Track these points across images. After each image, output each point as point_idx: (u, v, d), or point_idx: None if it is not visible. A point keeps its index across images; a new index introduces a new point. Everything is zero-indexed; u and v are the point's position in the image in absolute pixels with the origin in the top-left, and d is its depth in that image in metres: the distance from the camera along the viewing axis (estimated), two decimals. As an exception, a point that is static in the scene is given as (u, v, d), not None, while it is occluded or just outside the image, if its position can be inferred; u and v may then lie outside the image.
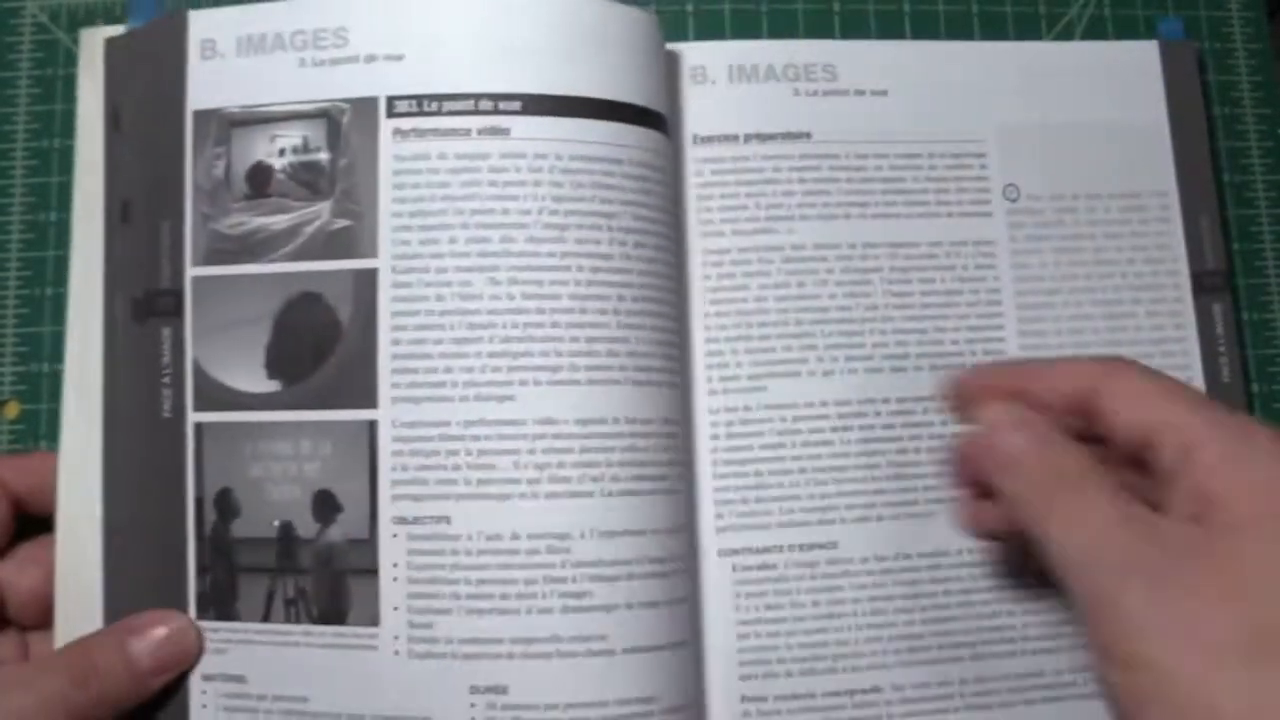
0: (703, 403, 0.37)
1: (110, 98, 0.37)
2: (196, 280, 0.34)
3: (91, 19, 0.41)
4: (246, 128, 0.35)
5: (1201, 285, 0.39)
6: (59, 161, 0.40)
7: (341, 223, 0.34)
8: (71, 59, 0.41)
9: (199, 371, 0.34)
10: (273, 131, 0.35)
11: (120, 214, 0.36)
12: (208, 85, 0.35)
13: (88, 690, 0.31)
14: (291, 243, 0.34)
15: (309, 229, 0.34)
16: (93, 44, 0.37)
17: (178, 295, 0.35)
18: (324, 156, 0.34)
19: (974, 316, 0.38)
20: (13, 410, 0.39)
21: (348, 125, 0.34)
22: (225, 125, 0.35)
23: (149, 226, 0.35)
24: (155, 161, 0.35)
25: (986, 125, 0.39)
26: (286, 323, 0.34)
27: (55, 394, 0.38)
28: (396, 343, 0.33)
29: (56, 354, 0.39)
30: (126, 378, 0.35)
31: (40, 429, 0.39)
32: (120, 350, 0.35)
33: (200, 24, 0.35)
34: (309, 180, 0.34)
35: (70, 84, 0.40)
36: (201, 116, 0.35)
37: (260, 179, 0.34)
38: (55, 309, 0.39)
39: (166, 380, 0.34)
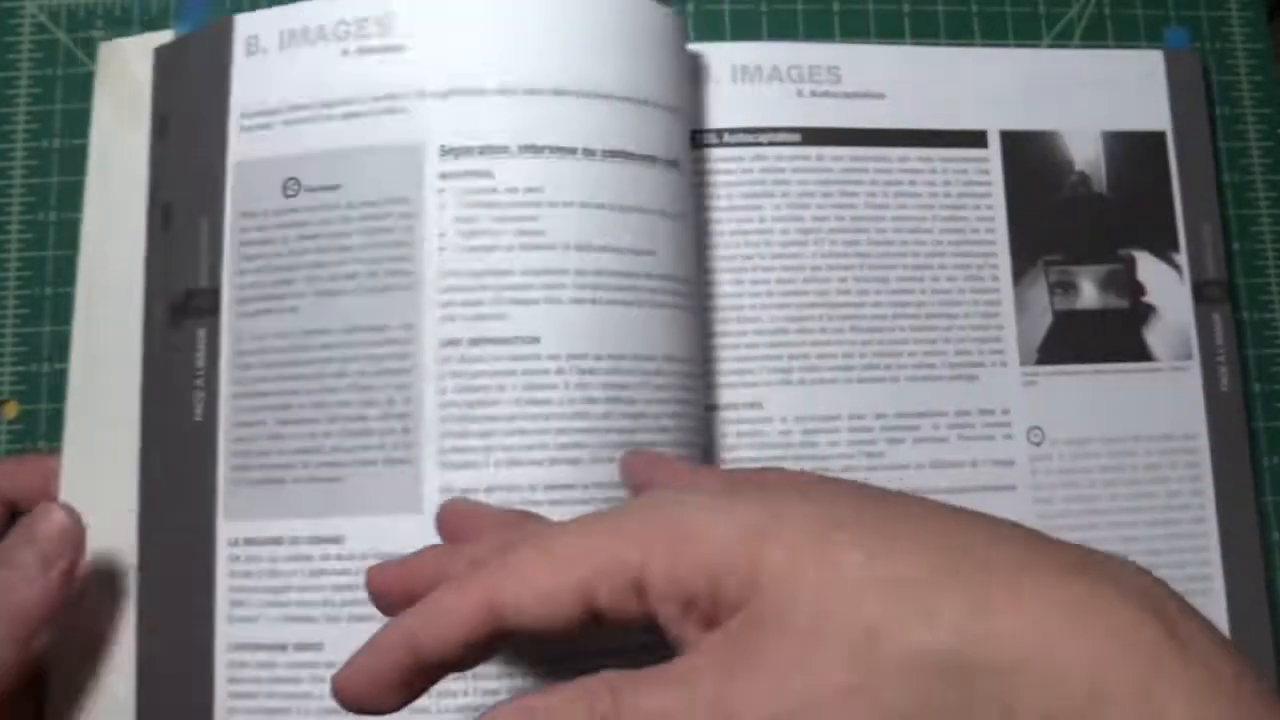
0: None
1: (158, 106, 0.37)
2: (234, 273, 0.34)
3: (91, 19, 0.41)
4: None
5: (1202, 295, 0.39)
6: (59, 161, 0.40)
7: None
8: (72, 59, 0.41)
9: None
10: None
11: (162, 220, 0.36)
12: (252, 81, 0.35)
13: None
14: None
15: None
16: (110, 58, 0.37)
17: (214, 294, 0.34)
18: None
19: (978, 316, 0.38)
20: (12, 410, 0.39)
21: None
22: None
23: (189, 225, 0.35)
24: (198, 159, 0.35)
25: (990, 129, 0.39)
26: None
27: (55, 394, 0.38)
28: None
29: (56, 354, 0.39)
30: (162, 382, 0.35)
31: (40, 429, 0.38)
32: (158, 356, 0.35)
33: (245, 23, 0.35)
34: None
35: (70, 84, 0.40)
36: (246, 112, 0.35)
37: None
38: (55, 309, 0.39)
39: (199, 383, 0.34)
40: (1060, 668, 0.19)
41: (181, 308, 0.34)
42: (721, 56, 0.39)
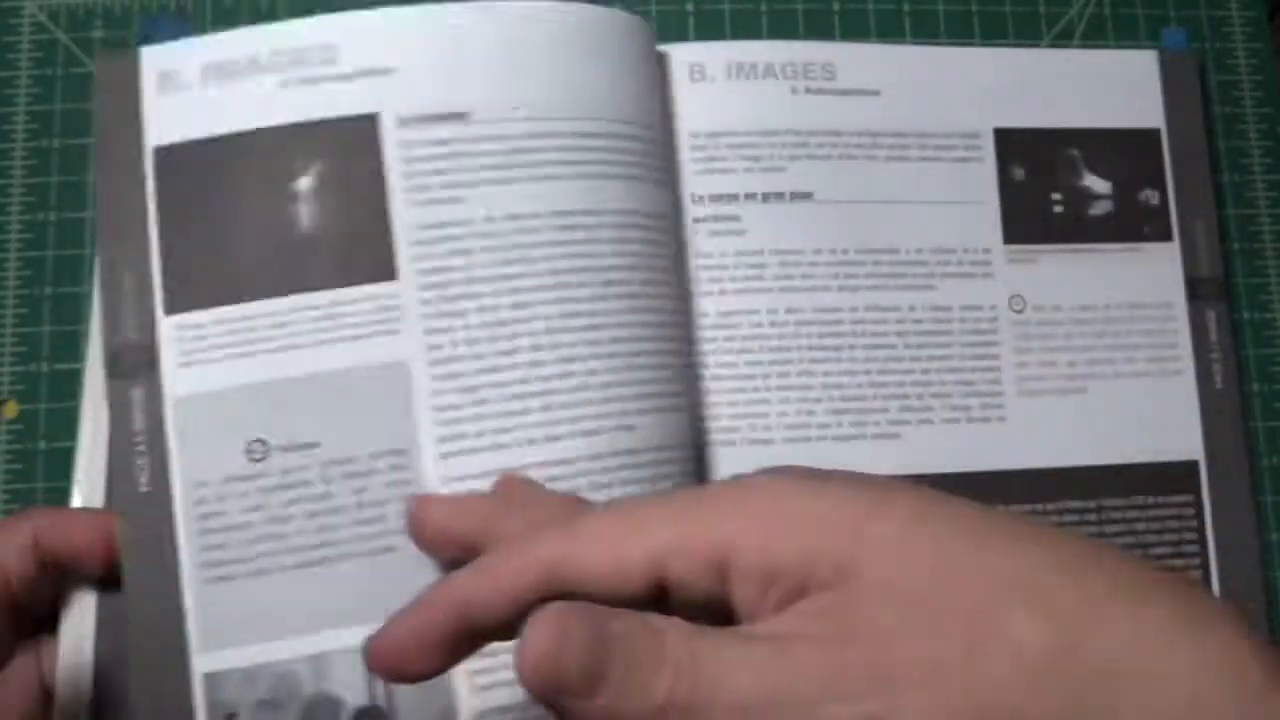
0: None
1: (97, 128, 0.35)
2: (173, 329, 0.32)
3: (91, 19, 0.41)
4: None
5: (1196, 291, 0.39)
6: (59, 161, 0.40)
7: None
8: (72, 59, 0.41)
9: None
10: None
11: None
12: (170, 119, 0.34)
13: None
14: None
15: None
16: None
17: (149, 349, 0.32)
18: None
19: (972, 334, 0.38)
20: (12, 410, 0.39)
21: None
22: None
23: (108, 279, 0.33)
24: (112, 207, 0.34)
25: (984, 127, 0.39)
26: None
27: (55, 394, 0.38)
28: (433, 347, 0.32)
29: (56, 354, 0.39)
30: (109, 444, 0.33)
31: (39, 429, 0.38)
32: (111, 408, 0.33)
33: (155, 58, 0.34)
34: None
35: (70, 84, 0.40)
36: (163, 152, 0.33)
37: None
38: (55, 309, 0.39)
39: (141, 448, 0.32)
40: (1164, 675, 0.19)
41: (113, 364, 0.33)
42: (717, 54, 0.39)
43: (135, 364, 0.32)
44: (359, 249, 0.32)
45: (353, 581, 0.31)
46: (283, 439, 0.31)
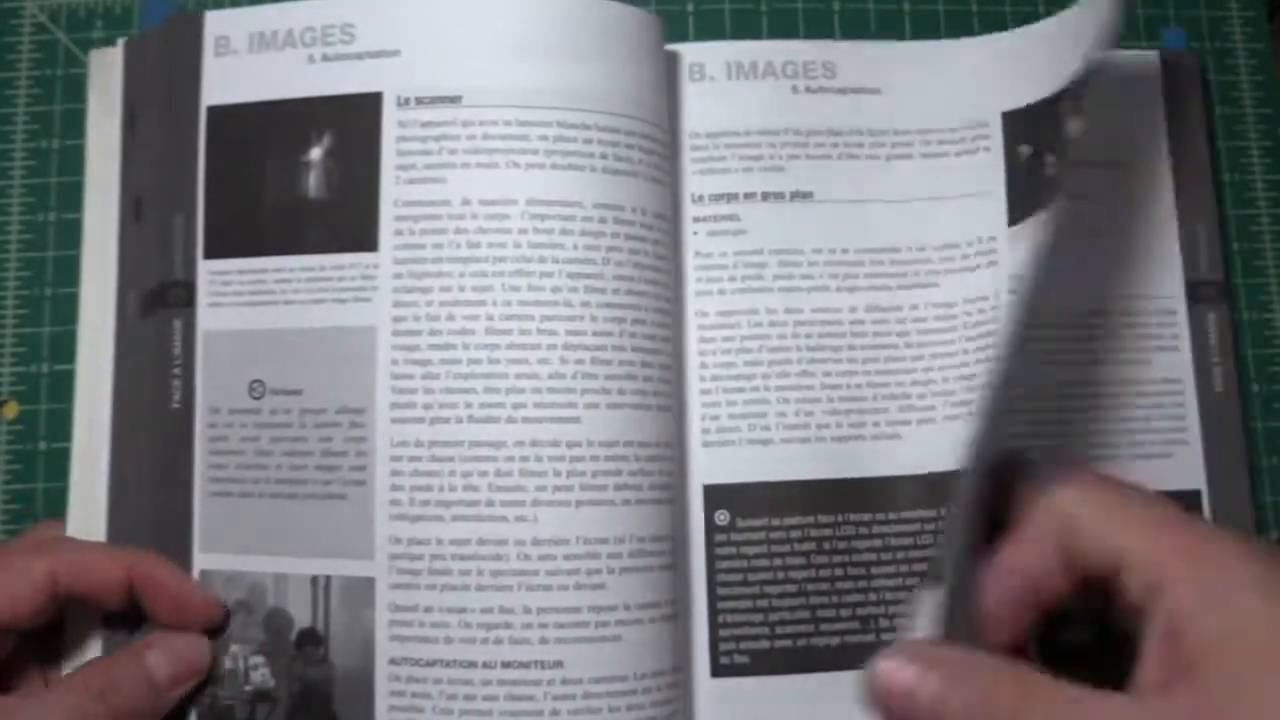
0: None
1: (127, 97, 0.37)
2: (207, 272, 0.35)
3: (91, 19, 0.41)
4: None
5: (1196, 295, 0.39)
6: (58, 161, 0.40)
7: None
8: (71, 59, 0.41)
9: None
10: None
11: (134, 212, 0.37)
12: (221, 81, 0.36)
13: (107, 704, 0.31)
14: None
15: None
16: (101, 64, 0.38)
17: (189, 286, 0.35)
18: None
19: (975, 326, 0.38)
20: (12, 410, 0.39)
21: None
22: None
23: (162, 219, 0.36)
24: (170, 156, 0.36)
25: (991, 114, 0.39)
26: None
27: (55, 394, 0.38)
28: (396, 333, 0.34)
29: (56, 354, 0.39)
30: (136, 371, 0.36)
31: (39, 429, 0.39)
32: (130, 345, 0.36)
33: (215, 22, 0.36)
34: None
35: (69, 84, 0.40)
36: (215, 111, 0.36)
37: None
38: (55, 309, 0.39)
39: (177, 372, 0.35)
40: None
41: (157, 297, 0.36)
42: (717, 54, 0.39)
43: (178, 298, 0.35)
44: (350, 219, 0.35)
45: (311, 519, 0.34)
46: (277, 383, 0.35)
